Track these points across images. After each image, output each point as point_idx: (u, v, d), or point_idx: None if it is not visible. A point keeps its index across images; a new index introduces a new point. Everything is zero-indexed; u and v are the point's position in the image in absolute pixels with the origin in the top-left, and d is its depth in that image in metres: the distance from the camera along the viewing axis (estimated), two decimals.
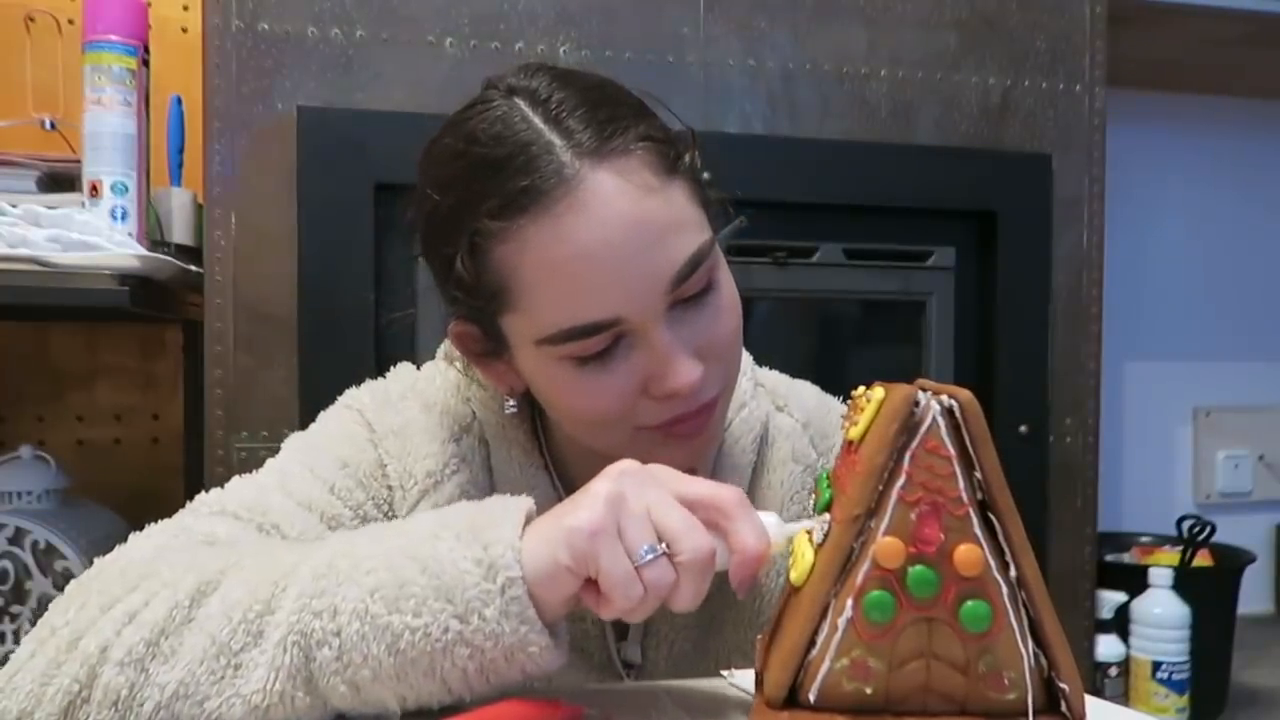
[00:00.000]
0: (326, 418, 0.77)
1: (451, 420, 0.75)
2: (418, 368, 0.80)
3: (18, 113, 1.37)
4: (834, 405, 0.84)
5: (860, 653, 0.49)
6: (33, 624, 0.91)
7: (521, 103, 0.63)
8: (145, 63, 1.22)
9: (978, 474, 0.49)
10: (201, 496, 0.70)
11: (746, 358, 0.86)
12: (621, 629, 0.75)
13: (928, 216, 1.47)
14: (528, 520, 0.54)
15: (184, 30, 1.54)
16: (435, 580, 0.51)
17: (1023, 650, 0.50)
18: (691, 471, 0.57)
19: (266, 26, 1.22)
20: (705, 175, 0.69)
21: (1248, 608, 1.69)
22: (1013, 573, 0.50)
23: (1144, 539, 1.79)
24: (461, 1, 1.28)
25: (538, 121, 0.62)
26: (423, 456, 0.72)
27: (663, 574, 0.52)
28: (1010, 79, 1.47)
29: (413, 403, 0.75)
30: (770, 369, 0.86)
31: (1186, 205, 2.00)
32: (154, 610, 0.53)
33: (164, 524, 0.67)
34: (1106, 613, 1.51)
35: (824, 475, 0.55)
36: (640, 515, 0.52)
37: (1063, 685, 0.51)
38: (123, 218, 1.18)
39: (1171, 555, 1.68)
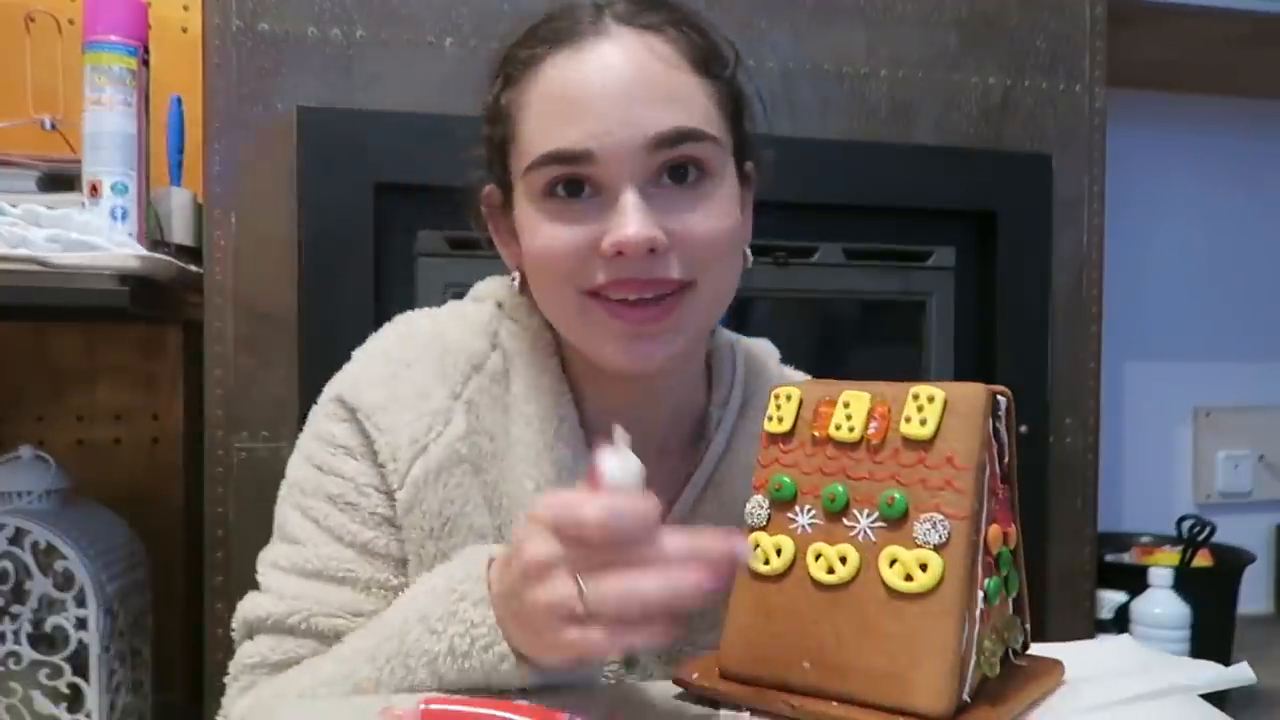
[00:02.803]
0: (305, 440, 0.76)
1: (457, 361, 0.75)
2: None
3: (18, 113, 1.37)
4: None
5: (989, 642, 0.53)
6: (33, 624, 0.91)
7: None
8: (145, 63, 1.21)
9: (1006, 459, 0.56)
10: (241, 648, 0.74)
11: (773, 356, 0.87)
12: None
13: (928, 216, 1.47)
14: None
15: (184, 30, 1.54)
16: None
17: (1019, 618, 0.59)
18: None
19: (266, 26, 1.22)
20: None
21: (1248, 608, 1.69)
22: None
23: (1144, 539, 1.79)
24: (461, 1, 1.28)
25: None
26: (405, 424, 0.72)
27: (604, 640, 0.53)
28: (1010, 79, 1.47)
29: (409, 353, 0.75)
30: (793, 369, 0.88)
31: (1187, 205, 2.00)
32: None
33: (240, 678, 0.73)
34: (1106, 613, 1.51)
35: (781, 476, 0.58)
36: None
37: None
38: (123, 218, 1.18)
39: (1171, 555, 1.68)
